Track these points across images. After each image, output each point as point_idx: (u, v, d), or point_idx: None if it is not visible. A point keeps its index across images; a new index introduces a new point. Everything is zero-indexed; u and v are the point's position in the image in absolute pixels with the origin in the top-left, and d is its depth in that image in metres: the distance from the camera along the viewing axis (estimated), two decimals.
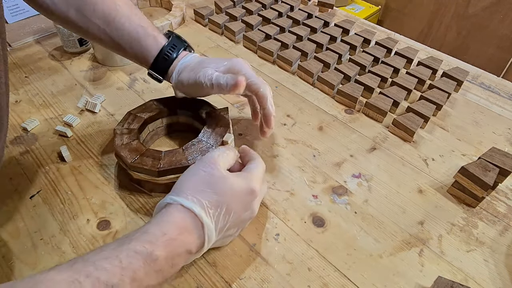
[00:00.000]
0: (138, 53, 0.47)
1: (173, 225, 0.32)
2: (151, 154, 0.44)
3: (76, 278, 0.26)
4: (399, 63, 0.68)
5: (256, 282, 0.39)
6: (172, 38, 0.48)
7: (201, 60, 0.47)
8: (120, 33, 0.45)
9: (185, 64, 0.47)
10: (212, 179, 0.36)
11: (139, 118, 0.49)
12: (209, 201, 0.34)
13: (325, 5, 0.87)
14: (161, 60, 0.47)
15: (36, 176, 0.48)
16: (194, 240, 0.33)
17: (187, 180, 0.36)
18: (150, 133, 0.52)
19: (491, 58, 1.64)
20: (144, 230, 0.31)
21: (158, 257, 0.30)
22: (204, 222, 0.33)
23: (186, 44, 0.50)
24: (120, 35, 0.46)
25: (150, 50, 0.47)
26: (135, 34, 0.46)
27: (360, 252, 0.42)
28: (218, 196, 0.35)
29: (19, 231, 0.42)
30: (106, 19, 0.45)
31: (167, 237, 0.31)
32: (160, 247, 0.30)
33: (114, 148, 0.45)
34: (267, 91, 0.45)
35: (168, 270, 0.31)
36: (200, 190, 0.35)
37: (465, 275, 0.40)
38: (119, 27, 0.45)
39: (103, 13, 0.44)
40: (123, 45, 0.46)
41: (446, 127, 0.60)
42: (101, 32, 0.45)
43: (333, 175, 0.50)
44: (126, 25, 0.45)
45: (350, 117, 0.60)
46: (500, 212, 0.47)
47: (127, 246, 0.29)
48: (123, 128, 0.47)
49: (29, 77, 0.64)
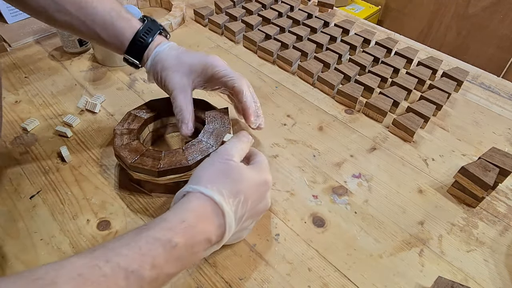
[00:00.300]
0: (112, 37, 0.45)
1: (192, 213, 0.32)
2: (151, 154, 0.44)
3: (96, 263, 0.26)
4: (399, 63, 0.68)
5: (256, 282, 0.39)
6: (147, 21, 0.47)
7: (177, 56, 0.46)
8: (93, 17, 0.44)
9: (160, 55, 0.46)
10: (229, 169, 0.36)
11: (139, 118, 0.49)
12: (228, 190, 0.34)
13: (325, 5, 0.87)
14: (137, 44, 0.46)
15: (36, 176, 0.48)
16: (214, 229, 0.33)
17: (205, 171, 0.36)
18: (150, 133, 0.52)
19: (491, 58, 1.64)
20: (162, 218, 0.31)
21: (177, 244, 0.30)
22: (224, 210, 0.33)
23: (161, 28, 0.48)
24: (93, 20, 0.44)
25: (124, 33, 0.45)
26: (109, 18, 0.45)
27: (360, 252, 0.42)
28: (236, 185, 0.35)
29: (19, 231, 0.42)
30: (78, 4, 0.43)
31: (186, 224, 0.31)
32: (179, 234, 0.30)
33: (114, 148, 0.45)
34: (242, 86, 0.45)
35: (187, 259, 0.31)
36: (218, 179, 0.35)
37: (465, 275, 0.40)
38: (92, 12, 0.44)
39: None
40: (97, 30, 0.45)
41: (446, 127, 0.60)
42: (73, 18, 0.44)
43: (333, 175, 0.50)
44: (99, 9, 0.44)
45: (350, 117, 0.60)
46: (500, 212, 0.47)
47: (146, 233, 0.30)
48: (123, 128, 0.47)
49: (29, 77, 0.64)
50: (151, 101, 0.52)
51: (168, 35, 0.50)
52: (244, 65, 0.71)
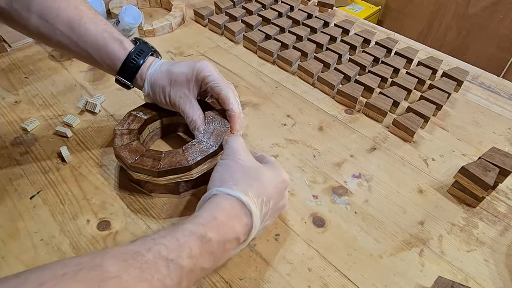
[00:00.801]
0: (104, 58, 0.46)
1: (223, 212, 0.34)
2: (151, 154, 0.44)
3: (139, 251, 0.28)
4: (399, 63, 0.68)
5: (256, 282, 0.39)
6: (139, 43, 0.48)
7: (168, 70, 0.47)
8: (85, 38, 0.44)
9: (154, 76, 0.47)
10: (248, 170, 0.38)
11: (139, 119, 0.49)
12: (252, 190, 0.36)
13: (325, 5, 0.87)
14: (128, 66, 0.46)
15: (36, 176, 0.48)
16: (242, 228, 0.34)
17: (224, 173, 0.38)
18: (150, 133, 0.51)
19: (491, 58, 1.64)
20: (195, 215, 0.33)
21: (212, 239, 0.31)
22: (252, 210, 0.34)
23: (153, 49, 0.49)
24: (86, 41, 0.44)
25: (117, 54, 0.46)
26: (101, 40, 0.45)
27: (360, 252, 0.42)
28: (258, 186, 0.36)
29: (19, 231, 0.42)
30: (70, 24, 0.43)
31: (218, 221, 0.33)
32: (212, 229, 0.32)
33: (114, 148, 0.45)
34: (229, 94, 0.46)
35: (220, 255, 0.33)
36: (240, 180, 0.36)
37: (465, 275, 0.40)
38: (85, 33, 0.44)
39: (67, 18, 0.43)
40: (89, 50, 0.45)
41: (446, 127, 0.60)
42: (65, 38, 0.44)
43: (333, 175, 0.50)
44: (91, 30, 0.44)
45: (350, 117, 0.60)
46: (500, 212, 0.47)
47: (181, 227, 0.31)
48: (123, 129, 0.47)
49: (29, 77, 0.64)
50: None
51: (159, 56, 0.50)
52: (244, 65, 0.71)
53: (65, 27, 0.43)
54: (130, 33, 0.67)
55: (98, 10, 0.66)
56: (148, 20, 0.83)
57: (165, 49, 0.73)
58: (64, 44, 0.45)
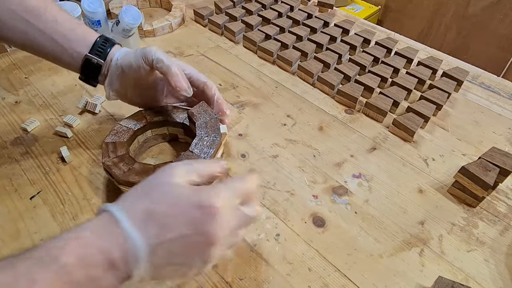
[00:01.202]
0: (73, 41, 0.44)
1: (87, 230, 0.27)
2: (141, 168, 0.42)
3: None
4: (399, 63, 0.68)
5: (256, 282, 0.39)
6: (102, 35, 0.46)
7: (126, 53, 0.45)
8: (52, 24, 0.43)
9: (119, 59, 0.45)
10: (155, 185, 0.30)
11: (128, 130, 0.47)
12: (141, 208, 0.28)
13: (325, 5, 0.87)
14: (101, 45, 0.45)
15: (36, 176, 0.48)
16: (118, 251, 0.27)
17: (134, 188, 0.31)
18: (140, 144, 0.50)
19: (491, 58, 1.64)
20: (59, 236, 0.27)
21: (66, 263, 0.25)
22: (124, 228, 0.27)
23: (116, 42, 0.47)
24: (52, 27, 0.43)
25: (88, 36, 0.45)
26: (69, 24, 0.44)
27: (361, 252, 0.42)
28: (153, 203, 0.29)
29: (19, 231, 0.42)
30: (36, 11, 0.42)
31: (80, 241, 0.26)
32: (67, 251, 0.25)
33: (103, 163, 0.43)
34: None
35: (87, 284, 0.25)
36: (137, 196, 0.30)
37: (465, 275, 0.40)
38: (51, 19, 0.43)
39: (31, 6, 0.42)
40: (55, 37, 0.43)
41: (446, 127, 0.60)
42: (29, 27, 0.42)
43: (333, 175, 0.50)
44: (58, 16, 0.43)
45: (350, 117, 0.60)
46: (500, 212, 0.47)
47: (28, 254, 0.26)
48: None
49: (29, 77, 0.64)
50: (141, 111, 0.50)
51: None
52: (244, 65, 0.71)
53: (30, 14, 0.42)
54: (130, 33, 0.67)
55: (98, 10, 0.67)
56: (148, 20, 0.83)
57: (165, 49, 0.73)
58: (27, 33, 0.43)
